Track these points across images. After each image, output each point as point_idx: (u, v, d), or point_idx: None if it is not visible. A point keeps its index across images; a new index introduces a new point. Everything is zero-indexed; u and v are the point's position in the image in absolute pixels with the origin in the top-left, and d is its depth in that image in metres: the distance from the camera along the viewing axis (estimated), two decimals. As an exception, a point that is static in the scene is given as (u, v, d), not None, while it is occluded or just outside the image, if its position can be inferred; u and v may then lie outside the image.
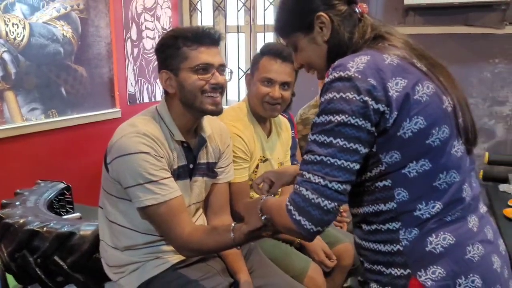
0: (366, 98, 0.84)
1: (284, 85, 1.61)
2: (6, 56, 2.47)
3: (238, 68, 3.62)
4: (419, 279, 0.86)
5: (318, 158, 0.84)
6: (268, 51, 1.61)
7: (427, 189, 0.88)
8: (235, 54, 3.64)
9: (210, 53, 1.24)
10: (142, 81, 3.47)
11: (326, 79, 0.89)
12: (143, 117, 1.29)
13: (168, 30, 1.41)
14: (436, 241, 0.87)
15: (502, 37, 2.78)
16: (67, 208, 2.14)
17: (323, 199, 0.82)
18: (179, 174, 1.29)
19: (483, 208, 0.97)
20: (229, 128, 1.52)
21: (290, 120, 2.03)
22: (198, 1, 3.71)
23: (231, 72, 1.36)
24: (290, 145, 1.84)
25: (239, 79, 3.59)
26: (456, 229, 0.89)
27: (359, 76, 0.85)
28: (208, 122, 1.40)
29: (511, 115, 2.88)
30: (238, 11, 3.58)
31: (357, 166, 0.85)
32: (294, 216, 0.85)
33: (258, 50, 1.73)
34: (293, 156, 1.94)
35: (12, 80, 2.52)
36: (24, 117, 2.61)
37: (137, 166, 1.16)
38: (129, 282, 1.29)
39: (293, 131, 2.02)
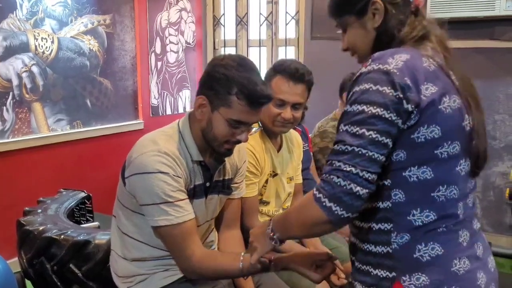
0: (401, 96, 0.84)
1: (296, 105, 1.59)
2: (34, 69, 2.58)
3: (260, 81, 3.64)
4: (402, 283, 0.88)
5: (350, 148, 0.84)
6: (283, 70, 1.57)
7: (425, 197, 0.89)
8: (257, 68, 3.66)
9: (252, 114, 1.21)
10: (165, 93, 3.54)
11: (363, 69, 0.89)
12: (165, 133, 1.28)
13: (230, 56, 1.28)
14: (425, 249, 0.88)
15: (530, 52, 2.71)
16: (87, 217, 2.19)
17: (355, 185, 0.83)
18: (196, 192, 1.29)
19: (476, 225, 0.98)
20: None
21: (304, 133, 2.02)
22: (221, 16, 3.78)
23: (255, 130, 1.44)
24: (301, 160, 1.82)
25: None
26: (446, 241, 0.89)
27: (397, 73, 0.85)
28: None
29: (540, 131, 2.78)
30: (260, 25, 3.62)
31: (384, 159, 0.86)
32: (324, 203, 0.84)
33: (272, 65, 1.68)
34: (306, 169, 1.92)
35: (39, 92, 2.62)
36: (50, 127, 2.70)
37: (154, 186, 1.17)
38: None
39: (306, 145, 2.00)
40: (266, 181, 1.65)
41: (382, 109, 0.84)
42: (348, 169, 0.83)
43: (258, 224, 1.59)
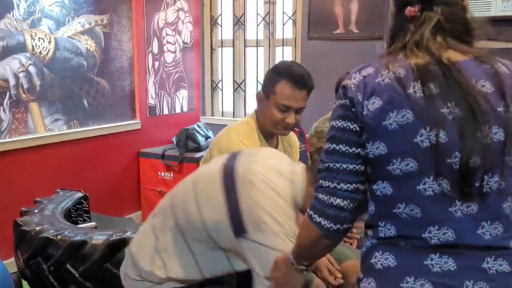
0: (354, 110, 0.88)
1: (299, 110, 1.61)
2: (31, 69, 2.58)
3: (257, 81, 3.65)
4: (361, 284, 0.91)
5: (326, 165, 0.90)
6: (289, 76, 1.56)
7: (388, 212, 0.88)
8: (255, 68, 3.67)
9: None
10: (162, 93, 3.54)
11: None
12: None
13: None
14: (380, 257, 0.89)
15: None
16: (84, 217, 2.19)
17: (335, 198, 0.89)
18: None
19: (493, 264, 0.82)
20: (236, 144, 1.53)
21: (302, 134, 2.02)
22: (218, 16, 3.78)
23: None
24: (297, 160, 1.83)
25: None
26: (404, 256, 0.86)
27: (352, 88, 0.89)
28: None
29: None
30: (258, 25, 3.62)
31: (362, 167, 0.89)
32: (314, 219, 0.91)
33: (274, 67, 1.68)
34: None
35: (36, 91, 2.62)
36: (47, 127, 2.70)
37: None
38: None
39: (304, 145, 2.01)
40: None
41: (346, 121, 0.89)
42: (327, 184, 0.90)
43: None
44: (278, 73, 1.60)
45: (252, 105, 3.70)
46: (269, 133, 1.67)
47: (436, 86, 0.83)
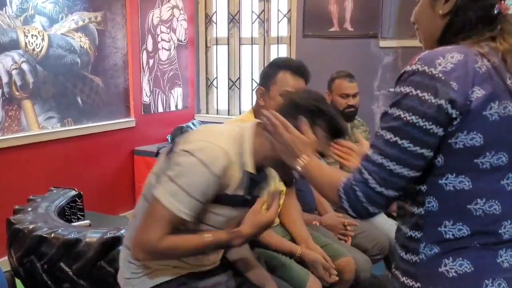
0: (442, 102, 0.79)
1: None
2: (24, 66, 2.56)
3: (252, 79, 3.65)
4: None
5: (380, 161, 0.83)
6: (289, 66, 1.60)
7: (459, 209, 0.83)
8: (249, 66, 3.67)
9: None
10: (157, 91, 3.53)
11: (408, 68, 0.84)
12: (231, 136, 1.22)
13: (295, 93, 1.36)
14: (452, 264, 0.83)
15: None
16: (78, 215, 2.18)
17: (370, 204, 0.84)
18: (238, 202, 1.22)
19: None
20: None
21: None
22: (213, 14, 3.77)
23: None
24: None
25: (252, 90, 3.61)
26: (478, 258, 0.83)
27: (443, 77, 0.79)
28: None
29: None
30: (252, 23, 3.62)
31: (417, 174, 0.83)
32: (343, 203, 0.87)
33: (271, 63, 1.71)
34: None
35: (30, 89, 2.60)
36: (40, 125, 2.68)
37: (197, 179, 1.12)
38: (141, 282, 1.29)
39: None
40: None
41: (417, 117, 0.80)
42: (373, 186, 0.83)
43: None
44: (276, 66, 1.64)
45: (247, 103, 3.70)
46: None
47: None
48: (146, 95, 3.43)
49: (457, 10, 0.88)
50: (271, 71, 1.63)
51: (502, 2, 0.89)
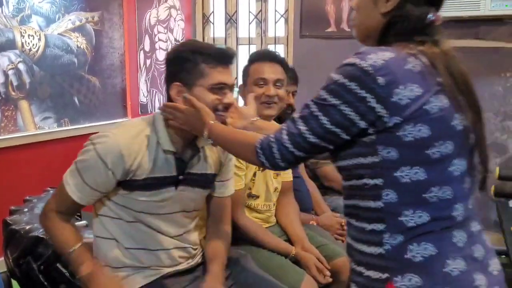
0: (366, 95, 0.85)
1: (277, 82, 1.67)
2: (21, 66, 2.55)
3: (249, 79, 3.65)
4: (394, 284, 0.87)
5: (299, 127, 0.93)
6: (256, 56, 1.72)
7: (417, 198, 0.88)
8: (246, 66, 3.67)
9: (226, 73, 1.27)
10: (154, 91, 3.53)
11: (346, 60, 0.90)
12: (135, 124, 1.35)
13: (181, 42, 1.44)
14: (417, 249, 0.87)
15: (514, 51, 2.75)
16: (75, 216, 2.17)
17: (282, 160, 0.96)
18: (160, 183, 1.29)
19: (475, 227, 0.95)
20: None
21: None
22: (210, 14, 3.77)
23: (238, 91, 1.47)
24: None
25: (249, 91, 3.62)
26: (439, 240, 0.88)
27: (371, 71, 0.85)
28: None
29: (524, 130, 2.83)
30: (250, 23, 3.62)
31: (329, 146, 0.92)
32: (259, 157, 0.99)
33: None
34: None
35: (26, 89, 2.59)
36: (37, 125, 2.68)
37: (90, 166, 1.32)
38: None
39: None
40: (254, 175, 1.67)
41: (340, 102, 0.87)
42: (287, 145, 0.94)
43: (243, 218, 1.61)
44: (248, 60, 1.75)
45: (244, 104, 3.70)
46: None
47: (447, 77, 0.90)
48: (143, 95, 3.43)
49: (397, 10, 0.93)
50: (246, 68, 1.74)
51: (437, 13, 0.95)
